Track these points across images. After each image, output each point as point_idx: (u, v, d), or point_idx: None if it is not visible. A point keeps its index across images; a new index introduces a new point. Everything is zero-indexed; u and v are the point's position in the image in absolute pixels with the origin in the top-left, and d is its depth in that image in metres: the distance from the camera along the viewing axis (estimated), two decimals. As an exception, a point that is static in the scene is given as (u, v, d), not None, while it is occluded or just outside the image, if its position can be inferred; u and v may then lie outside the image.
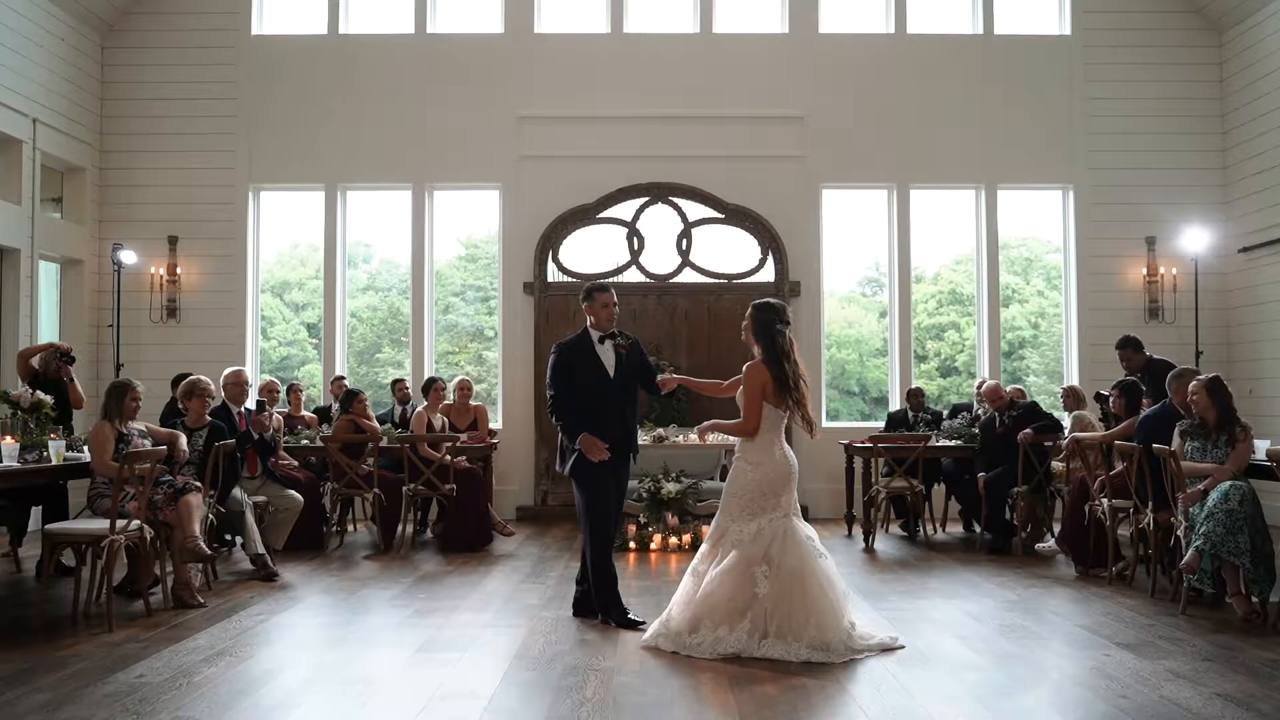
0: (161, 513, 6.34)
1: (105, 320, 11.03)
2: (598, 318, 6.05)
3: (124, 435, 6.44)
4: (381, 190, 11.87)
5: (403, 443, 8.90)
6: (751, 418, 5.48)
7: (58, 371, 7.97)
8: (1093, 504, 7.50)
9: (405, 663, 5.11)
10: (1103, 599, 6.67)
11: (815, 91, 11.68)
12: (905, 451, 9.22)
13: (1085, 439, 7.75)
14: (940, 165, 11.73)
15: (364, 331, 12.69)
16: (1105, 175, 11.67)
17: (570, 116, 11.58)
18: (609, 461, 5.88)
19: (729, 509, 5.49)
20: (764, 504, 5.43)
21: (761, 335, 5.56)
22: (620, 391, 5.99)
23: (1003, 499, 8.80)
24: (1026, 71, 11.76)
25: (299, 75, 11.63)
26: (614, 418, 5.89)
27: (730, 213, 11.55)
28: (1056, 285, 12.38)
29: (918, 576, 7.59)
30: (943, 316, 12.14)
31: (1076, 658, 5.19)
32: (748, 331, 5.64)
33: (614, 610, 5.94)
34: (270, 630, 5.80)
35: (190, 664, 5.00)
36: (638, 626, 5.73)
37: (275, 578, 7.34)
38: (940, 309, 12.35)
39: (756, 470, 5.47)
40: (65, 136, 10.75)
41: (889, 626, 5.68)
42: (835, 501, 10.88)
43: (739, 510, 5.45)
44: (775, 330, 5.54)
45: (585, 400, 5.93)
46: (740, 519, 5.43)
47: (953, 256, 12.38)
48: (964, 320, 12.25)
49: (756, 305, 5.68)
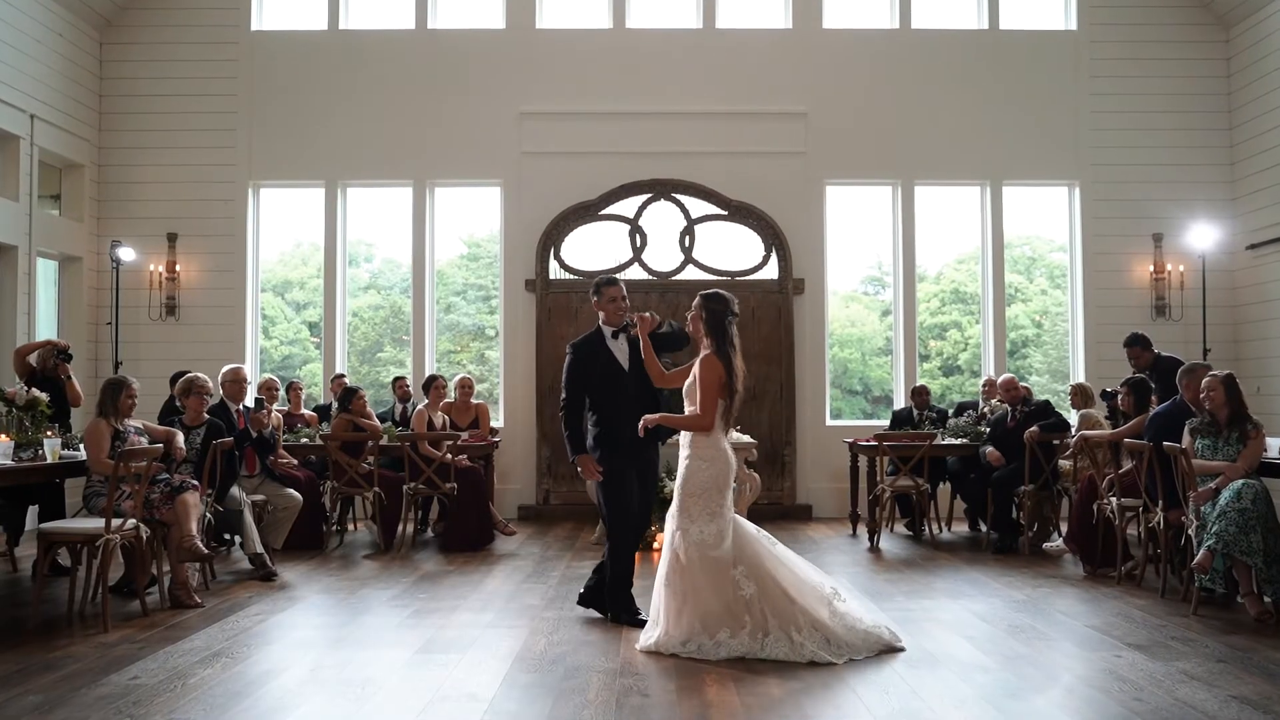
0: (158, 511, 6.26)
1: (104, 318, 10.95)
2: (607, 313, 5.95)
3: (120, 433, 6.36)
4: (382, 187, 11.78)
5: (403, 441, 8.82)
6: (710, 411, 5.38)
7: (55, 369, 7.90)
8: (1101, 503, 7.41)
9: (405, 664, 5.02)
10: (1112, 599, 6.58)
11: (819, 87, 11.58)
12: (911, 450, 9.13)
13: (1093, 437, 7.66)
14: (945, 161, 11.63)
15: (366, 330, 12.61)
16: (1111, 171, 11.57)
17: (572, 112, 11.49)
18: (629, 455, 5.77)
19: (689, 511, 5.34)
20: (721, 501, 5.36)
21: (715, 328, 5.46)
22: (638, 384, 5.89)
23: (1010, 498, 8.71)
24: (1032, 67, 11.67)
25: (299, 71, 11.55)
26: (634, 413, 5.74)
27: (733, 209, 11.46)
28: (1060, 284, 12.29)
29: (924, 576, 7.50)
30: (945, 316, 12.05)
31: (1087, 659, 5.09)
32: (697, 323, 5.52)
33: (624, 611, 5.86)
34: (268, 630, 5.72)
35: (186, 665, 4.92)
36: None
37: (274, 577, 7.26)
38: (943, 308, 12.27)
39: (712, 467, 5.37)
40: (63, 133, 10.67)
41: (889, 621, 5.58)
42: (839, 501, 10.80)
43: (700, 511, 5.32)
44: (726, 322, 5.47)
45: (604, 398, 5.85)
46: (701, 520, 5.31)
47: (955, 255, 12.28)
48: (966, 319, 12.17)
49: (706, 296, 5.56)
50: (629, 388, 5.86)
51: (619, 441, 5.78)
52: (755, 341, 11.24)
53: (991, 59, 11.66)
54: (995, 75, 11.64)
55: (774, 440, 11.15)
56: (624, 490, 5.84)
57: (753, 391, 11.14)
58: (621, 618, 5.83)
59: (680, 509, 5.37)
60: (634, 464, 5.85)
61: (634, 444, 5.71)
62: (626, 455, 5.79)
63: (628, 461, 5.81)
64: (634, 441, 5.67)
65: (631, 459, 5.82)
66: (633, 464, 5.84)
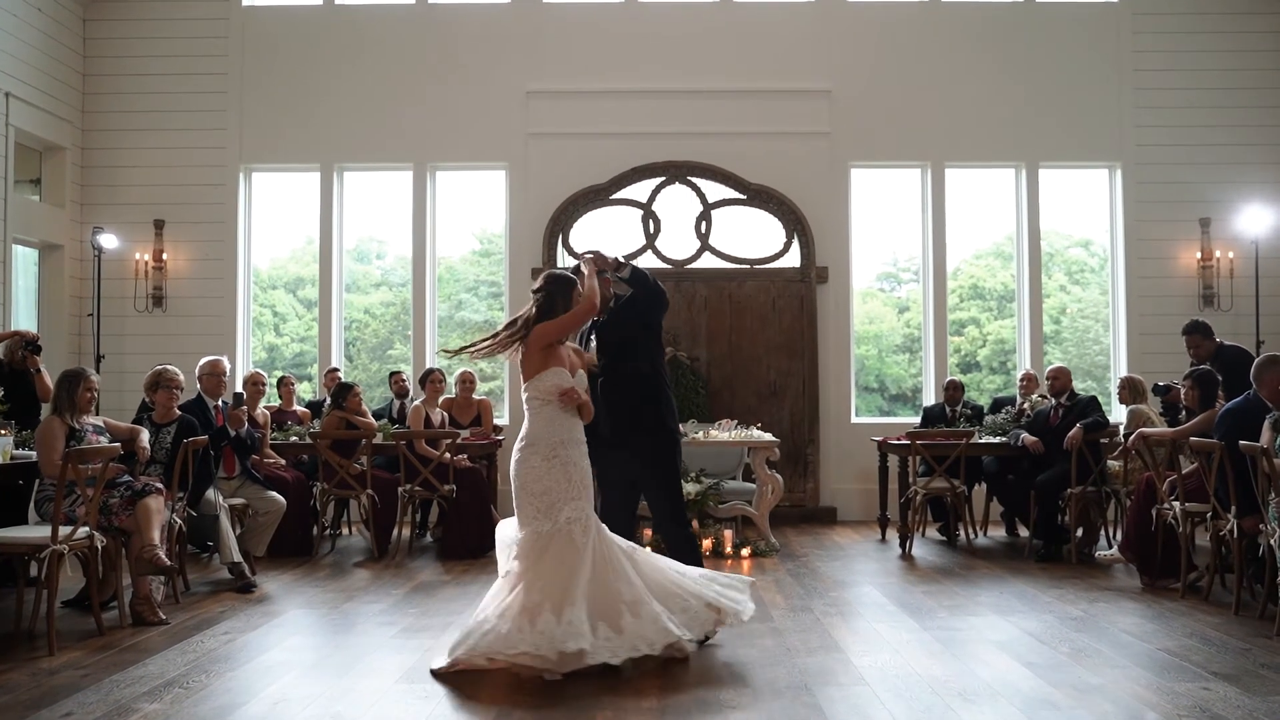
0: (117, 518, 5.64)
1: (88, 309, 10.37)
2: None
3: (76, 431, 5.73)
4: (380, 171, 11.14)
5: (398, 439, 8.19)
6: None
7: (24, 361, 7.30)
8: (1162, 507, 6.71)
9: (383, 695, 4.38)
10: (1180, 616, 5.89)
11: (843, 63, 10.88)
12: (946, 449, 8.44)
13: (1153, 435, 6.95)
14: (977, 142, 10.92)
15: (376, 328, 12.05)
16: (1155, 152, 10.83)
17: (581, 91, 10.81)
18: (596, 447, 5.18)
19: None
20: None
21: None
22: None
23: (1055, 502, 8.02)
24: (1070, 40, 10.93)
25: (293, 49, 10.91)
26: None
27: (752, 193, 10.78)
28: (1079, 280, 11.61)
29: (965, 588, 6.82)
30: (963, 312, 11.43)
31: (1171, 692, 4.39)
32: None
33: None
34: (235, 653, 5.08)
35: (130, 698, 4.28)
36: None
37: (253, 589, 6.65)
38: (961, 304, 11.64)
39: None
40: (43, 113, 10.08)
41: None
42: (867, 503, 10.13)
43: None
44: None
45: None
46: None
47: (973, 251, 11.60)
48: (985, 315, 11.51)
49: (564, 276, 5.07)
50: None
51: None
52: (776, 333, 10.59)
53: (1027, 32, 10.94)
54: (1031, 49, 10.92)
55: (796, 439, 10.47)
56: (602, 483, 5.41)
57: (773, 386, 10.53)
58: None
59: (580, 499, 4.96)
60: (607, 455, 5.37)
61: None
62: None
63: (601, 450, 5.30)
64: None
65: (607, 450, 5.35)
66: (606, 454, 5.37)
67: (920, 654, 5.05)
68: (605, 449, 5.25)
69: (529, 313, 4.97)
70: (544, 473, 4.84)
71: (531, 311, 4.96)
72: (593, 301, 4.98)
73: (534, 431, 4.91)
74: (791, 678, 4.64)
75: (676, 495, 5.46)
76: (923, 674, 4.69)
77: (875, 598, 6.54)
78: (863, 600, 6.48)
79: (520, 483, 4.89)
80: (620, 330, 5.34)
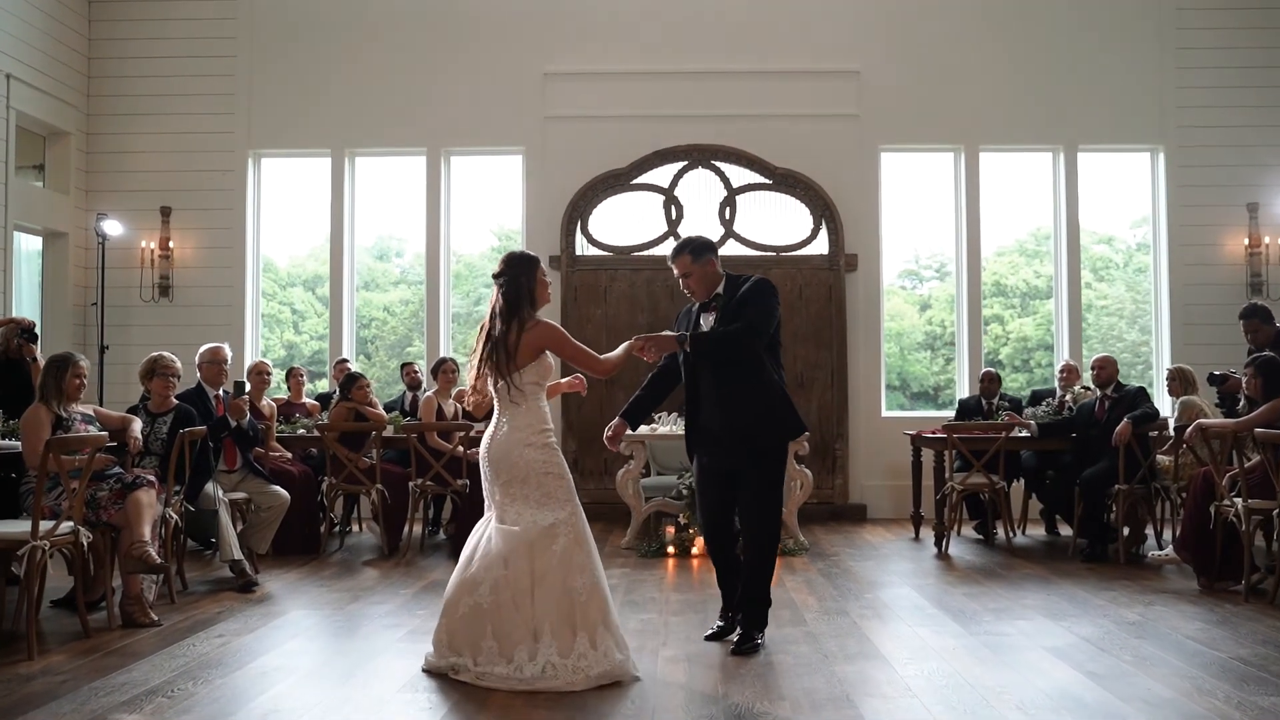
0: (105, 513, 5.29)
1: (93, 299, 10.06)
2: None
3: (63, 420, 5.39)
4: (394, 156, 10.78)
5: (409, 432, 7.82)
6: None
7: (19, 350, 6.98)
8: (1221, 504, 6.27)
9: (383, 705, 4.00)
10: (1247, 621, 5.45)
11: (872, 42, 10.44)
12: (984, 443, 8.01)
13: (1213, 426, 6.49)
14: (1013, 124, 10.47)
15: (395, 325, 11.77)
16: (1200, 134, 10.34)
17: (600, 73, 10.41)
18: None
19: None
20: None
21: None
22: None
23: (1101, 499, 7.57)
24: (1110, 17, 10.45)
25: (303, 31, 10.56)
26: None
27: (779, 178, 10.36)
28: (1104, 277, 11.16)
29: (1009, 590, 6.39)
30: (986, 309, 11.00)
31: (1257, 708, 3.94)
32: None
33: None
34: (227, 659, 4.71)
35: (106, 709, 3.91)
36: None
37: (254, 588, 6.30)
38: (984, 301, 11.25)
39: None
40: (47, 97, 9.77)
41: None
42: (899, 500, 9.71)
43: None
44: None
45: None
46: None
47: (995, 249, 11.16)
48: (1007, 313, 11.11)
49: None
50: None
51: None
52: (804, 323, 10.18)
53: (1064, 7, 10.47)
54: (1069, 26, 10.45)
55: (824, 433, 10.05)
56: (701, 487, 5.16)
57: (800, 378, 10.10)
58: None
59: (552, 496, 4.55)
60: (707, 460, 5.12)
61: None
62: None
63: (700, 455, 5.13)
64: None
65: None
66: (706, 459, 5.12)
67: (969, 661, 4.64)
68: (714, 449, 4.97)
69: (497, 302, 4.58)
70: (547, 460, 4.47)
71: (499, 300, 4.57)
72: (605, 367, 4.71)
73: (531, 421, 4.50)
74: (831, 688, 4.24)
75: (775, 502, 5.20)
76: (974, 684, 4.28)
77: (914, 599, 6.13)
78: (900, 602, 6.07)
79: (523, 474, 4.45)
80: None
